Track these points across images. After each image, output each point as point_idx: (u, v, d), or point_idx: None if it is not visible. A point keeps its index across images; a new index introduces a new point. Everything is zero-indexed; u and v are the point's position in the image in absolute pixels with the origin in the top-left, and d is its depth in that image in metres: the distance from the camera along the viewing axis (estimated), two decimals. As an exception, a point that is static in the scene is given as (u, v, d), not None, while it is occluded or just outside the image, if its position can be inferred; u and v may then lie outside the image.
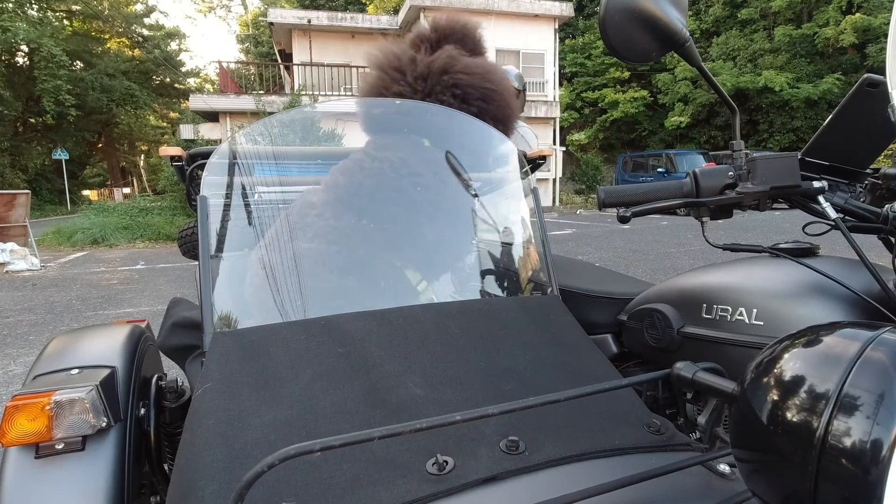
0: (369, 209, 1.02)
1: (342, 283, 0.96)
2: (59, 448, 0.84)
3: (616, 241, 8.99)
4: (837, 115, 0.92)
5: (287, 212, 1.02)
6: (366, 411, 0.67)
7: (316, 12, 18.18)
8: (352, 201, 1.03)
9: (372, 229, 1.01)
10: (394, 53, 1.20)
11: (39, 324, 4.65)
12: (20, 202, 8.08)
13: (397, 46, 1.22)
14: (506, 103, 1.23)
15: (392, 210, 1.03)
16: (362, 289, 0.97)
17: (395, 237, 1.02)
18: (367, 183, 1.05)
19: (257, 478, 0.40)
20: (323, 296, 0.95)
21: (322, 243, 0.97)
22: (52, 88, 20.91)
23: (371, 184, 1.05)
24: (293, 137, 1.19)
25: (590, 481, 0.52)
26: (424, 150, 1.12)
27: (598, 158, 20.64)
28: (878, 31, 17.84)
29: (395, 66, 1.17)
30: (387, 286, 0.98)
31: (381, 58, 1.19)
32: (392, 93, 1.16)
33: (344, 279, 0.97)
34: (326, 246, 0.97)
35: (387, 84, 1.17)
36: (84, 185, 34.01)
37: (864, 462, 0.33)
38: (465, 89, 1.16)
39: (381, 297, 0.96)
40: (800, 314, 0.85)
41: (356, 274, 0.98)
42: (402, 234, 1.03)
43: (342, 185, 1.05)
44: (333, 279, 0.96)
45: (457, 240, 1.11)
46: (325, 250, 0.97)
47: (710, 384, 0.55)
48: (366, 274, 0.98)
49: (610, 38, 0.85)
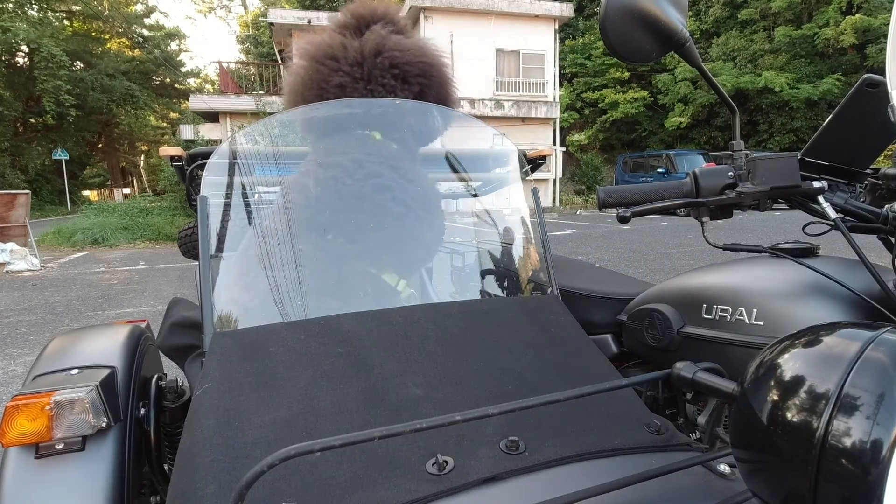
0: (336, 223, 1.00)
1: (342, 284, 0.96)
2: (59, 448, 0.84)
3: (616, 241, 8.99)
4: (837, 116, 0.92)
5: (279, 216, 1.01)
6: (366, 411, 0.67)
7: (316, 13, 18.19)
8: (314, 219, 1.00)
9: (349, 238, 0.99)
10: (325, 42, 1.15)
11: (39, 324, 4.65)
12: (20, 202, 8.08)
13: (327, 35, 1.17)
14: (445, 78, 1.21)
15: (361, 219, 1.00)
16: (362, 289, 0.96)
17: (379, 239, 1.01)
18: (325, 196, 1.01)
19: (257, 478, 0.40)
20: (323, 296, 0.95)
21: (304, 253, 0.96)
22: (53, 88, 20.91)
23: (329, 195, 1.01)
24: (293, 137, 1.18)
25: (590, 481, 0.52)
26: (376, 144, 1.09)
27: (598, 159, 20.65)
28: (878, 31, 17.84)
29: (329, 55, 1.13)
30: (384, 288, 0.98)
31: (312, 49, 1.15)
32: (333, 85, 1.12)
33: (344, 280, 0.97)
34: (310, 258, 0.96)
35: (324, 76, 1.12)
36: (84, 186, 34.00)
37: (864, 462, 0.33)
38: (402, 68, 1.13)
39: (381, 297, 0.96)
40: (800, 314, 0.85)
41: (356, 274, 0.98)
42: (384, 234, 1.01)
43: (300, 205, 1.01)
44: (334, 279, 0.96)
45: (433, 233, 1.09)
46: (324, 252, 0.97)
47: (710, 384, 0.55)
48: (365, 274, 0.98)
49: (610, 38, 0.85)
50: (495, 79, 16.99)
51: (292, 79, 1.18)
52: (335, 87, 1.12)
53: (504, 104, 16.83)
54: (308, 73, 1.15)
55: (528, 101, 17.14)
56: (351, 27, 1.19)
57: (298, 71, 1.17)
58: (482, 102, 16.57)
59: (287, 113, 1.13)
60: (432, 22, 16.22)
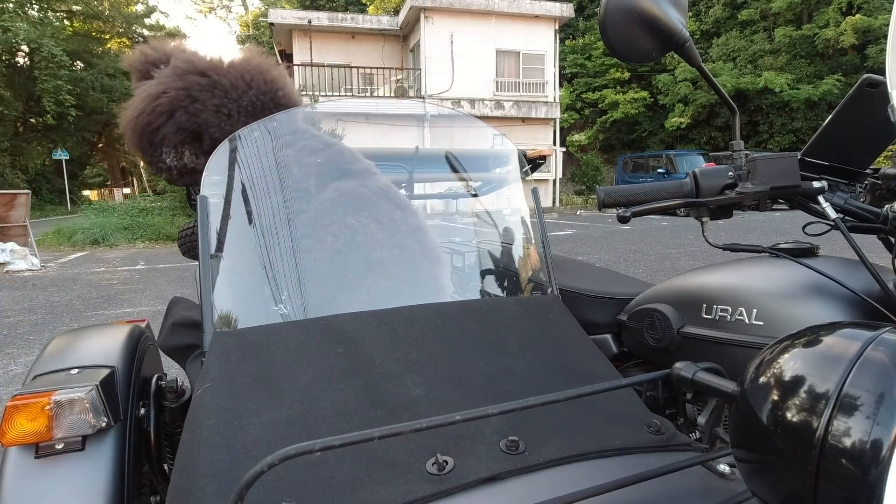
0: (336, 222, 1.01)
1: (342, 284, 0.96)
2: (59, 448, 0.84)
3: (616, 241, 8.99)
4: (837, 116, 0.92)
5: (284, 215, 1.01)
6: (366, 411, 0.67)
7: (316, 13, 18.19)
8: (314, 218, 1.02)
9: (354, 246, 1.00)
10: (180, 69, 1.21)
11: (39, 324, 4.65)
12: (20, 202, 8.09)
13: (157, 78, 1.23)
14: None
15: (361, 218, 1.01)
16: (362, 289, 0.96)
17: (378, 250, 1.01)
18: (326, 195, 1.04)
19: (257, 478, 0.40)
20: (323, 296, 0.95)
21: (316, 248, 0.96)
22: (53, 88, 20.90)
23: (329, 194, 1.04)
24: (293, 137, 1.18)
25: (590, 481, 0.52)
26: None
27: (598, 159, 20.65)
28: (877, 32, 17.84)
29: (199, 71, 1.19)
30: (384, 288, 0.98)
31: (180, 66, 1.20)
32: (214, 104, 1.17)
33: (344, 280, 0.97)
34: (322, 250, 0.96)
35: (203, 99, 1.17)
36: (84, 186, 34.00)
37: (864, 462, 0.33)
38: (253, 76, 1.18)
39: (381, 297, 0.96)
40: (800, 314, 0.85)
41: (356, 274, 0.98)
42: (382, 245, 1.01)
43: (300, 204, 1.04)
44: (333, 280, 0.96)
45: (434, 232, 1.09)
46: (323, 253, 0.97)
47: (709, 384, 0.55)
48: (365, 274, 0.98)
49: (610, 38, 0.85)
50: (495, 79, 17.00)
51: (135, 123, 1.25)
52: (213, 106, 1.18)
53: (504, 104, 16.83)
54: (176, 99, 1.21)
55: (528, 102, 17.15)
56: (150, 65, 1.27)
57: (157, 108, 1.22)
58: (482, 103, 16.58)
59: (287, 113, 1.13)
60: (432, 22, 16.23)
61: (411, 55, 17.92)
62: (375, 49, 18.25)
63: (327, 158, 1.09)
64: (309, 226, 1.00)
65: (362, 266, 0.98)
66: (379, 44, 18.37)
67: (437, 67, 16.32)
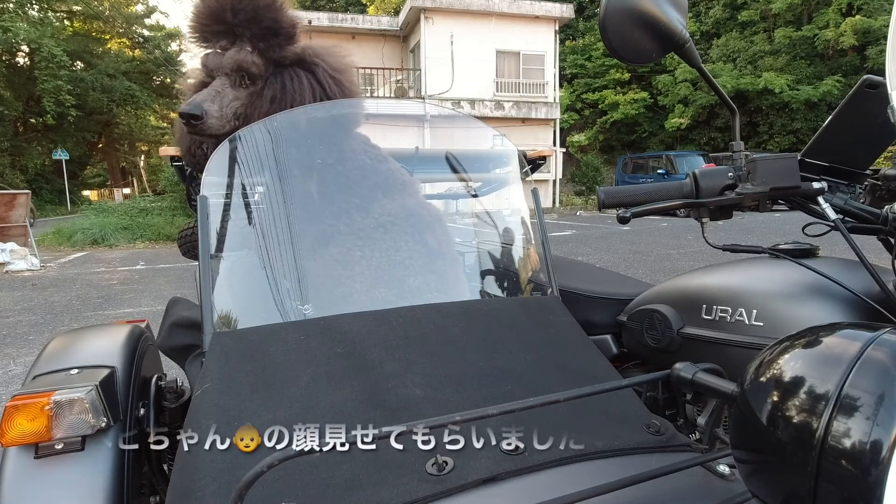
0: (336, 221, 1.02)
1: (342, 284, 0.96)
2: (59, 448, 0.84)
3: (616, 242, 8.99)
4: (837, 117, 0.92)
5: (284, 213, 1.01)
6: (366, 411, 0.67)
7: (316, 13, 18.20)
8: (314, 218, 1.02)
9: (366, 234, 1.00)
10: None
11: (39, 324, 4.65)
12: (20, 202, 8.09)
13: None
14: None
15: (361, 217, 1.01)
16: (362, 289, 0.96)
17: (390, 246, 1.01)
18: (325, 195, 1.04)
19: (257, 478, 0.40)
20: (323, 296, 0.95)
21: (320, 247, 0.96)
22: (53, 88, 20.89)
23: (329, 194, 1.04)
24: (294, 137, 1.18)
25: (590, 482, 0.52)
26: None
27: (598, 160, 20.66)
28: (877, 32, 17.84)
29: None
30: (386, 287, 0.98)
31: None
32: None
33: (344, 280, 0.97)
34: (325, 249, 0.96)
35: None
36: (84, 186, 33.99)
37: (863, 463, 0.33)
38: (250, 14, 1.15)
39: (381, 297, 0.96)
40: (800, 315, 0.85)
41: (356, 275, 0.98)
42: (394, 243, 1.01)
43: (300, 204, 1.04)
44: (333, 279, 0.96)
45: (436, 231, 1.09)
46: (324, 252, 0.97)
47: (709, 385, 0.55)
48: (365, 275, 0.98)
49: (610, 39, 0.85)
50: (495, 80, 17.00)
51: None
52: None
53: (504, 105, 16.83)
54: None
55: (528, 102, 17.15)
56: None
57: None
58: (482, 103, 16.58)
59: (287, 113, 1.13)
60: (433, 23, 16.23)
61: (411, 56, 17.92)
62: (375, 49, 18.25)
63: (327, 158, 1.09)
64: (309, 224, 1.00)
65: (363, 266, 0.98)
66: (379, 44, 18.36)
67: (437, 68, 16.32)
